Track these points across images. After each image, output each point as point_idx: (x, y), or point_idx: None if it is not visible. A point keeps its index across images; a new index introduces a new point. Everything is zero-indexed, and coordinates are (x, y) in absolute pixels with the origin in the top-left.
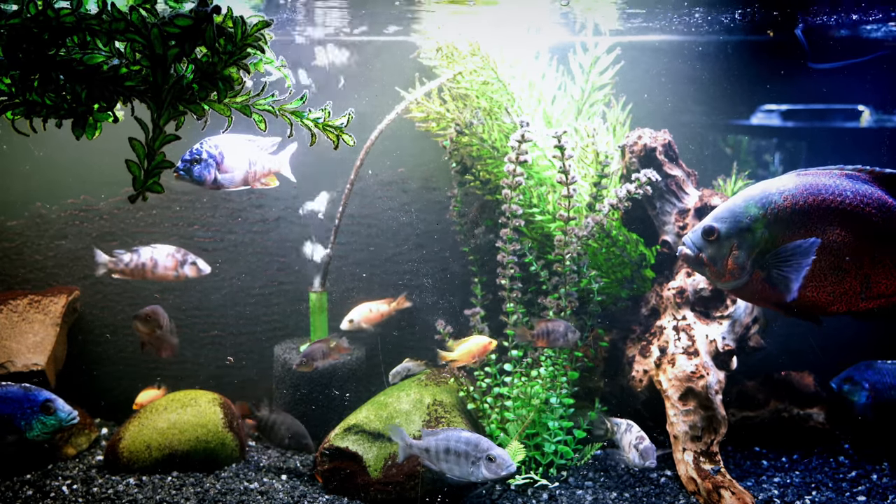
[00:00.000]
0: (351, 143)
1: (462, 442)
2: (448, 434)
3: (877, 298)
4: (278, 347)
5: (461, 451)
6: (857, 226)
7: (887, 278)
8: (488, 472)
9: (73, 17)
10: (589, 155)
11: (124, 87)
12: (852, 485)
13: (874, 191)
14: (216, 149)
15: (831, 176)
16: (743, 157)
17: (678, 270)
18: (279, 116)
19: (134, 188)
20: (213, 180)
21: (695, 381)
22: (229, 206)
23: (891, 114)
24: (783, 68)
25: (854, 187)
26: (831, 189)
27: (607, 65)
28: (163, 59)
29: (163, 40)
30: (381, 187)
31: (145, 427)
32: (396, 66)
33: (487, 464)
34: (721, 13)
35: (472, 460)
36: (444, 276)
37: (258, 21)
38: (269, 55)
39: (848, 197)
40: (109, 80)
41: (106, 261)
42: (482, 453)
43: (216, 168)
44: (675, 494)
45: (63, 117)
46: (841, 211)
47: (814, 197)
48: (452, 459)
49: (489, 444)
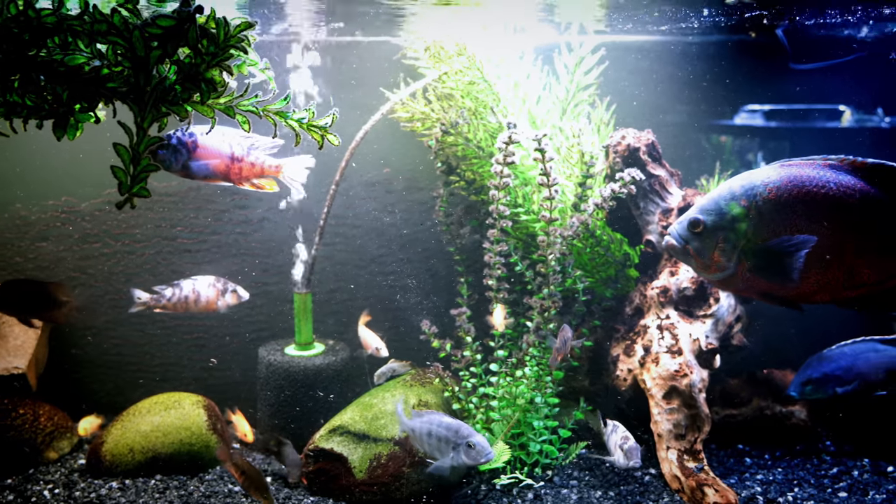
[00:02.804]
0: (336, 143)
1: (443, 427)
2: (431, 418)
3: (859, 287)
4: (263, 349)
5: (442, 435)
6: (840, 216)
7: (869, 267)
8: (467, 458)
9: (54, 17)
10: (574, 155)
11: (106, 88)
12: (834, 481)
13: (856, 181)
14: (190, 137)
15: (815, 167)
16: (727, 157)
17: (662, 270)
18: (262, 117)
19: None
20: (181, 166)
21: (678, 380)
22: (213, 208)
23: (871, 114)
24: (766, 69)
25: (837, 178)
26: (815, 180)
27: (592, 65)
28: (145, 60)
29: (145, 42)
30: (366, 188)
31: (128, 430)
32: (381, 66)
33: (467, 450)
34: (704, 14)
35: (453, 445)
36: (429, 277)
37: (242, 22)
38: (253, 57)
39: (831, 188)
40: (91, 82)
41: (147, 299)
42: (462, 439)
43: (187, 155)
44: (659, 492)
45: (44, 118)
46: (825, 201)
47: (798, 188)
48: (434, 443)
49: (469, 431)
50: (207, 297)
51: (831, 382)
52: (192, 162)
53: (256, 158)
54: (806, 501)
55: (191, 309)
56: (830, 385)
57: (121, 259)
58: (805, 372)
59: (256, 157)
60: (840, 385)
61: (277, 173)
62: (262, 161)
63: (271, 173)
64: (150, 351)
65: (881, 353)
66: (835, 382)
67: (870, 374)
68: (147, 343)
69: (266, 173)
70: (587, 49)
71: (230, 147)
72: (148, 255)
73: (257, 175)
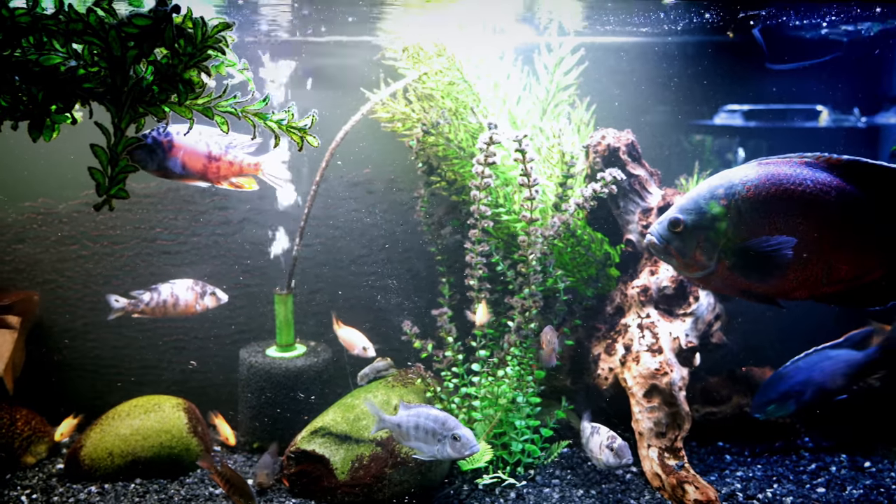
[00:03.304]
0: (315, 144)
1: (431, 419)
2: (419, 410)
3: (837, 283)
4: (244, 350)
5: (429, 428)
6: (817, 213)
7: (847, 263)
8: (452, 450)
9: (28, 17)
10: (554, 155)
11: (82, 89)
12: (812, 477)
13: (832, 178)
14: (166, 136)
15: (791, 165)
16: (706, 157)
17: (642, 269)
18: (241, 118)
19: (98, 195)
20: (156, 166)
21: (659, 378)
22: (193, 209)
23: (847, 114)
24: (744, 69)
25: (813, 175)
26: (792, 178)
27: (571, 65)
28: (121, 60)
29: (121, 42)
30: (347, 188)
31: (107, 434)
32: (361, 66)
33: (452, 442)
34: (683, 14)
35: (439, 438)
36: (411, 277)
37: (219, 23)
38: (231, 57)
39: (808, 185)
40: (67, 82)
41: (124, 305)
42: (448, 431)
43: (163, 155)
44: (640, 490)
45: (19, 119)
46: (802, 199)
47: (776, 187)
48: (421, 436)
49: (456, 424)
50: (186, 301)
51: (791, 398)
52: (169, 161)
53: (234, 157)
54: (785, 497)
55: (169, 313)
56: (791, 401)
57: (99, 261)
58: (765, 393)
59: (234, 156)
60: (800, 399)
61: (256, 171)
62: (240, 159)
63: (250, 172)
64: (129, 353)
65: (834, 359)
66: (795, 398)
67: (826, 382)
68: (126, 346)
69: (245, 172)
70: (567, 49)
71: (207, 146)
72: (127, 256)
73: (236, 174)
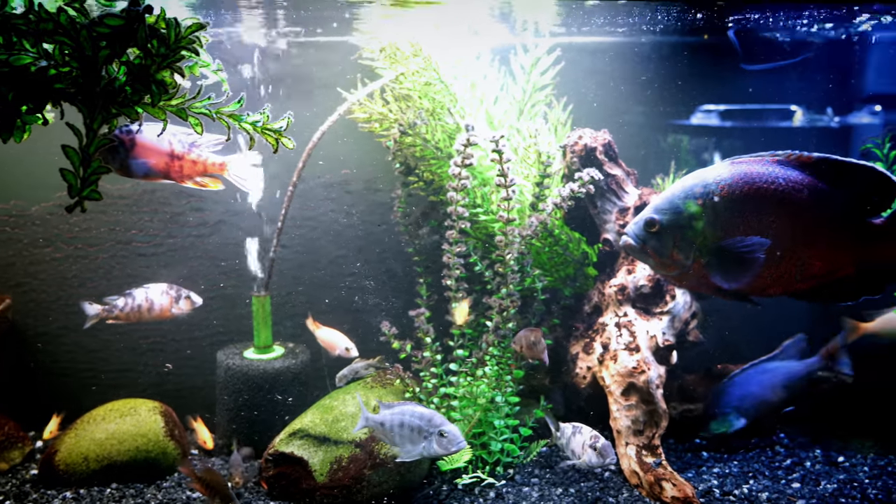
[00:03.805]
0: (290, 146)
1: (416, 416)
2: (403, 408)
3: (810, 279)
4: (221, 353)
5: (415, 425)
6: (790, 211)
7: (819, 260)
8: (439, 447)
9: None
10: (531, 155)
11: (53, 89)
12: (787, 472)
13: (804, 176)
14: (127, 134)
15: (764, 163)
16: (683, 157)
17: (619, 268)
18: (216, 120)
19: (70, 197)
20: (118, 164)
21: (636, 377)
22: (168, 210)
23: (821, 114)
24: (720, 70)
25: (785, 173)
26: (764, 176)
27: (548, 65)
28: (93, 60)
29: (92, 41)
30: (325, 189)
31: (82, 438)
32: (338, 66)
33: (439, 439)
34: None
35: (425, 435)
36: (388, 278)
37: (193, 23)
38: (205, 58)
39: (780, 183)
40: (37, 83)
41: (98, 311)
42: (435, 428)
43: (125, 153)
44: (618, 488)
45: None
46: (775, 197)
47: (749, 185)
48: (406, 434)
49: (442, 420)
50: (161, 305)
51: (731, 415)
52: (131, 160)
53: (199, 156)
54: (760, 493)
55: (144, 318)
56: (731, 417)
57: (73, 264)
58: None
59: (199, 155)
60: (739, 414)
61: (222, 171)
62: (204, 158)
63: (215, 171)
64: (104, 357)
65: (771, 372)
66: (734, 413)
67: (766, 394)
68: (101, 349)
69: (209, 171)
70: (543, 50)
71: (170, 144)
72: (101, 259)
73: (200, 173)
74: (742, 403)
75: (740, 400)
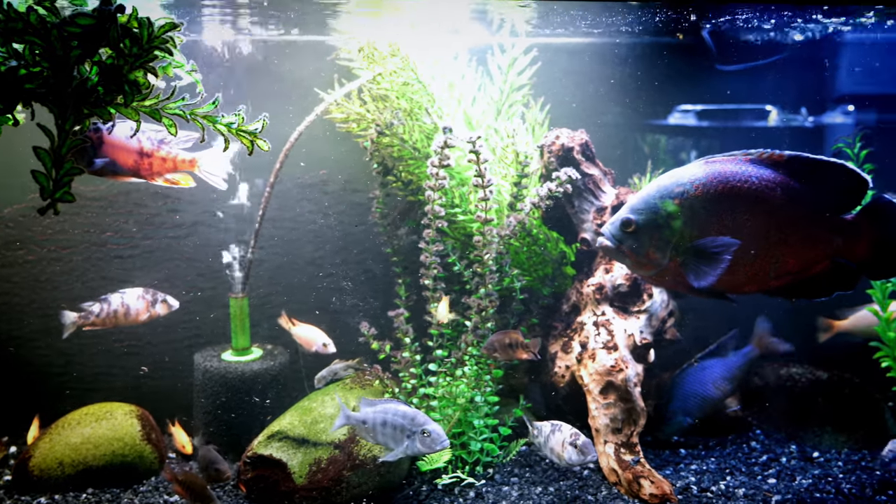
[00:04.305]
0: (266, 148)
1: (399, 415)
2: (386, 406)
3: (785, 276)
4: (198, 355)
5: (398, 424)
6: (763, 209)
7: (792, 257)
8: (422, 445)
9: None
10: (509, 155)
11: (24, 89)
12: (763, 468)
13: (776, 174)
14: (95, 132)
15: (737, 162)
16: (661, 156)
17: (597, 267)
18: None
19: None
20: (86, 163)
21: (614, 375)
22: (144, 212)
23: (796, 113)
24: (696, 70)
25: (758, 172)
26: (738, 175)
27: (525, 65)
28: (64, 60)
29: (63, 41)
30: (302, 190)
31: (57, 443)
32: (315, 67)
33: (422, 438)
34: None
35: (408, 434)
36: (367, 278)
37: (166, 23)
38: (179, 58)
39: (753, 181)
40: (7, 83)
41: (75, 318)
42: (418, 427)
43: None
44: (597, 486)
45: None
46: (748, 196)
47: (723, 184)
48: (388, 432)
49: (425, 419)
50: (137, 310)
51: (678, 414)
52: (98, 158)
53: (168, 153)
54: (737, 489)
55: (120, 322)
56: (678, 417)
57: (46, 266)
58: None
59: (168, 152)
60: (685, 412)
61: (192, 167)
62: (174, 155)
63: (185, 168)
64: (79, 360)
65: (709, 368)
66: (681, 413)
67: (707, 391)
68: (77, 352)
69: (179, 168)
70: (520, 50)
71: (139, 141)
72: (76, 261)
73: (170, 170)
74: (685, 402)
75: (683, 399)
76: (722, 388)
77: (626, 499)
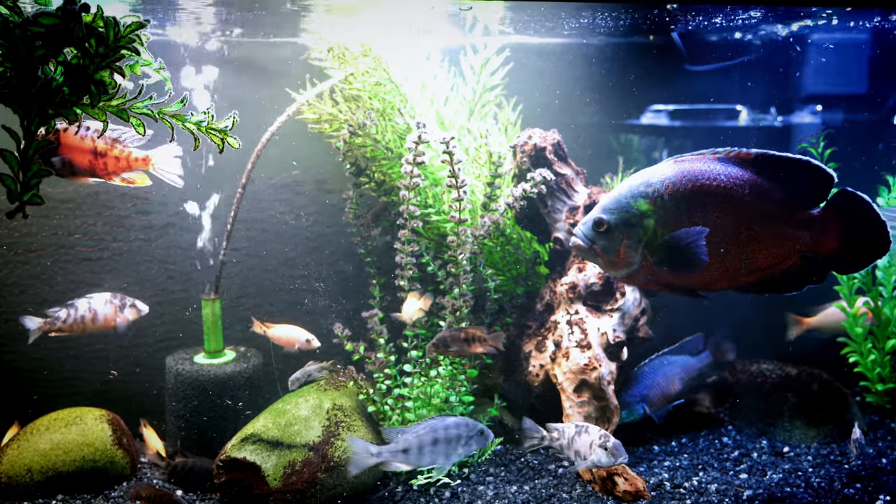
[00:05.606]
0: (236, 146)
1: (451, 427)
2: (429, 424)
3: (755, 272)
4: (170, 358)
5: (452, 436)
6: (732, 206)
7: (762, 253)
8: (477, 445)
9: None
10: (482, 155)
11: None
12: (735, 464)
13: (744, 172)
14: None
15: (705, 161)
16: (632, 156)
17: (570, 266)
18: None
19: (10, 202)
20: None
21: (588, 373)
22: (113, 213)
23: (765, 113)
24: (666, 70)
25: (726, 170)
26: (707, 173)
27: (497, 66)
28: (28, 60)
29: (27, 41)
30: (275, 191)
31: (25, 450)
32: (287, 67)
33: (478, 438)
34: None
35: (465, 441)
36: (340, 279)
37: (132, 22)
38: (146, 57)
39: (722, 180)
40: None
41: (39, 324)
42: (474, 430)
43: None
44: (572, 484)
45: None
46: (717, 193)
47: (692, 183)
48: (441, 448)
49: (473, 421)
50: (105, 315)
51: (638, 402)
52: (54, 159)
53: (121, 152)
54: (710, 484)
55: (88, 328)
56: (639, 405)
57: (14, 269)
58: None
59: (121, 151)
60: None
61: (147, 165)
62: (127, 154)
63: (139, 166)
64: (48, 364)
65: (673, 364)
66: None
67: (668, 386)
68: (45, 357)
69: (134, 167)
70: (492, 50)
71: (92, 141)
72: (44, 264)
73: (124, 169)
74: (648, 392)
75: (647, 388)
76: (678, 387)
77: (600, 496)
